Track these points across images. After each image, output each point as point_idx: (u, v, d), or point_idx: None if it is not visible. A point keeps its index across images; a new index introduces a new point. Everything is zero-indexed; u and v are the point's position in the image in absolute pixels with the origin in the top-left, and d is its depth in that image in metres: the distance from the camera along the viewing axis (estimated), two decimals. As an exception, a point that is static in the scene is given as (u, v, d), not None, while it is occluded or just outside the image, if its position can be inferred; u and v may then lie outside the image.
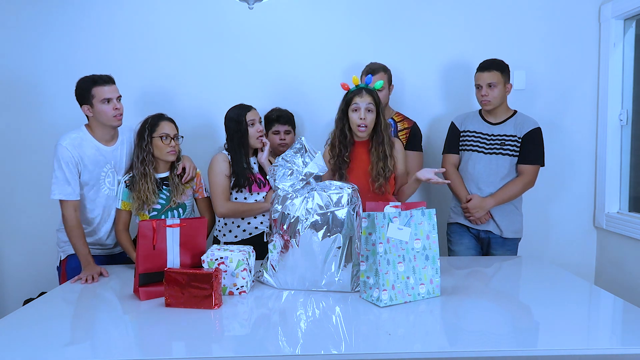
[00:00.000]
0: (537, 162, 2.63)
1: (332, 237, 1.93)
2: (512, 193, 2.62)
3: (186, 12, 3.03)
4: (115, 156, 2.38)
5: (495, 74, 2.57)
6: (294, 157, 2.03)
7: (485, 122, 2.69)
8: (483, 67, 2.63)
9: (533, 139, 2.60)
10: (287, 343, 1.52)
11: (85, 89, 2.26)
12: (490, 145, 2.64)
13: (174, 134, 2.38)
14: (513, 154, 2.62)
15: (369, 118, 2.26)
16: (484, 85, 2.59)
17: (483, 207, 2.60)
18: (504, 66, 2.62)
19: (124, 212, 2.40)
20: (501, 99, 2.61)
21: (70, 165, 2.25)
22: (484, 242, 2.73)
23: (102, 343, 1.56)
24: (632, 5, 2.83)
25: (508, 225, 2.66)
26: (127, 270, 2.31)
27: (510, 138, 2.62)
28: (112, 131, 2.36)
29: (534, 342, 1.50)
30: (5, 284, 3.09)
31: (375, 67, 2.74)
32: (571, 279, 2.14)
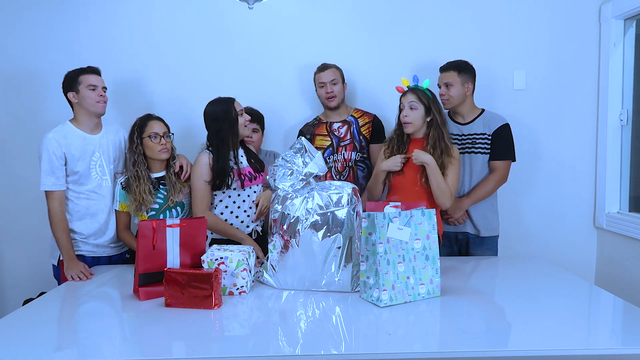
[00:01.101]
0: (508, 157, 2.67)
1: (332, 237, 1.93)
2: (486, 190, 2.64)
3: (186, 12, 3.03)
4: (102, 144, 2.41)
5: (452, 74, 2.64)
6: (294, 157, 2.03)
7: (455, 123, 2.73)
8: (442, 67, 2.71)
9: (502, 135, 2.63)
10: (287, 343, 1.52)
11: (72, 77, 2.34)
12: (462, 145, 2.67)
13: (163, 132, 2.38)
14: (485, 151, 2.64)
15: (412, 115, 2.34)
16: (442, 85, 2.66)
17: (460, 208, 2.61)
18: (462, 66, 2.66)
19: (122, 214, 2.41)
20: (459, 98, 2.65)
21: (56, 155, 2.28)
22: (461, 243, 2.73)
23: (102, 343, 1.55)
24: (632, 5, 2.83)
25: (485, 224, 2.67)
26: (127, 270, 2.31)
27: (480, 136, 2.65)
28: (95, 119, 2.40)
29: (534, 342, 1.50)
30: (5, 284, 3.09)
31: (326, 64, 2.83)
32: (571, 279, 2.13)
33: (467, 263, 2.47)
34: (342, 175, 2.78)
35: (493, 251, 2.72)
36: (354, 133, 2.79)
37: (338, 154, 2.79)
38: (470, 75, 2.67)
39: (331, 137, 2.80)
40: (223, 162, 2.34)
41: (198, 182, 2.35)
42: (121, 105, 2.96)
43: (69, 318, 1.83)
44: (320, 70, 2.82)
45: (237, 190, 2.41)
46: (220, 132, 2.36)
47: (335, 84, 2.77)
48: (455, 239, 2.72)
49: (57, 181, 2.29)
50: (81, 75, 2.33)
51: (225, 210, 2.42)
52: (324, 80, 2.78)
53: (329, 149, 2.79)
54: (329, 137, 2.80)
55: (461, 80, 2.64)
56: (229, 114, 2.37)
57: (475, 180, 2.65)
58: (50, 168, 2.28)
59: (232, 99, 2.43)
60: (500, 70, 3.08)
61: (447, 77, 2.64)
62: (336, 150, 2.79)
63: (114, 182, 2.43)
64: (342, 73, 2.84)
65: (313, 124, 2.88)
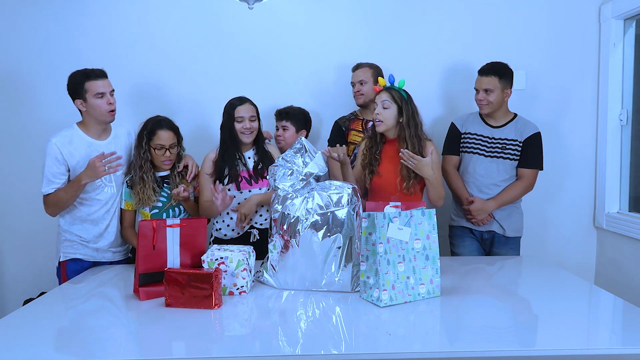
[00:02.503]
0: (537, 166, 2.68)
1: (332, 237, 1.93)
2: (512, 196, 2.65)
3: (186, 12, 3.03)
4: (110, 150, 2.33)
5: (493, 80, 2.58)
6: (294, 157, 2.03)
7: (486, 125, 2.70)
8: (482, 71, 2.65)
9: (533, 144, 2.63)
10: (287, 343, 1.52)
11: (77, 82, 2.25)
12: (491, 149, 2.66)
13: (169, 144, 2.37)
14: (514, 157, 2.64)
15: (384, 114, 2.32)
16: (481, 90, 2.62)
17: (485, 210, 2.63)
18: (503, 71, 2.61)
19: (127, 212, 2.42)
20: (498, 104, 2.63)
21: (58, 161, 2.25)
22: (486, 242, 2.75)
23: (102, 343, 1.55)
24: (632, 5, 2.83)
25: (510, 224, 2.69)
26: (128, 270, 2.31)
27: (511, 142, 2.64)
28: (104, 125, 2.36)
29: (534, 342, 1.50)
30: (5, 284, 3.09)
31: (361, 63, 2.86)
32: (571, 278, 2.14)
33: (467, 263, 2.47)
34: None
35: (516, 251, 2.75)
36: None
37: None
38: (510, 80, 2.64)
39: (365, 134, 2.81)
40: (223, 159, 2.42)
41: (201, 175, 2.45)
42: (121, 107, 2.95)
43: (69, 318, 1.83)
44: (353, 69, 2.88)
45: (232, 191, 2.42)
46: (222, 130, 2.47)
47: (363, 84, 2.80)
48: (480, 237, 2.74)
49: (57, 187, 2.26)
50: (87, 82, 2.24)
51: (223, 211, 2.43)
52: (353, 79, 2.85)
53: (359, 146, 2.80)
54: (363, 134, 2.81)
55: (502, 86, 2.59)
56: (228, 117, 2.44)
57: (501, 185, 2.65)
58: (52, 174, 2.25)
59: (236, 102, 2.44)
60: (500, 70, 3.08)
61: (488, 83, 2.58)
62: None
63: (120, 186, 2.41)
64: (376, 71, 2.84)
65: (349, 118, 2.89)
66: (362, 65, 2.85)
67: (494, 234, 2.71)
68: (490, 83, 2.58)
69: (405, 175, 2.33)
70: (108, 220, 2.40)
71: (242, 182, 2.43)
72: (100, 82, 2.26)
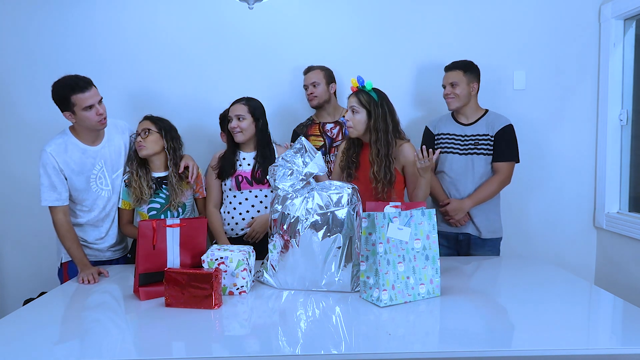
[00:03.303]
0: (511, 158, 2.65)
1: (332, 237, 1.93)
2: (489, 192, 2.62)
3: (186, 12, 3.04)
4: (104, 154, 2.34)
5: (457, 73, 2.63)
6: (294, 157, 2.03)
7: (458, 124, 2.71)
8: (447, 67, 2.70)
9: (505, 137, 2.62)
10: (287, 343, 1.52)
11: (63, 96, 2.16)
12: (464, 146, 2.66)
13: (141, 130, 2.38)
14: (487, 152, 2.64)
15: (354, 119, 2.29)
16: (447, 85, 2.66)
17: (462, 209, 2.61)
18: (468, 66, 2.66)
19: (125, 211, 2.43)
20: (465, 97, 2.65)
21: (56, 169, 2.22)
22: (462, 244, 2.71)
23: (102, 343, 1.55)
24: (632, 5, 2.83)
25: (486, 225, 2.66)
26: (127, 270, 2.31)
27: (483, 137, 2.64)
28: (96, 132, 2.31)
29: (534, 342, 1.50)
30: (5, 284, 3.09)
31: (312, 66, 2.88)
32: (571, 279, 2.14)
33: (467, 263, 2.47)
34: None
35: (495, 253, 2.70)
36: (345, 133, 2.80)
37: (331, 154, 2.79)
38: (475, 75, 2.67)
39: (324, 137, 2.81)
40: (226, 155, 2.48)
41: (208, 173, 2.52)
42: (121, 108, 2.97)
43: (69, 318, 1.83)
44: (305, 72, 2.88)
45: (232, 190, 2.43)
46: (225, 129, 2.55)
47: (316, 86, 2.80)
48: (455, 240, 2.71)
49: (59, 196, 2.24)
50: (73, 96, 2.14)
51: (223, 210, 2.45)
52: (305, 82, 2.85)
53: (321, 150, 2.80)
54: (322, 138, 2.81)
55: (467, 79, 2.63)
56: (225, 116, 2.51)
57: (478, 182, 2.64)
58: (50, 183, 2.22)
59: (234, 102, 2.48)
60: (500, 70, 3.09)
61: (453, 77, 2.63)
62: (329, 151, 2.80)
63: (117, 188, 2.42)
64: (328, 73, 2.85)
65: (306, 124, 2.89)
66: (314, 67, 2.86)
67: (469, 236, 2.68)
68: (455, 77, 2.63)
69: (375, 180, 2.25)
70: (109, 224, 2.41)
71: (243, 182, 2.43)
72: (88, 93, 2.16)
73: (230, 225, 2.46)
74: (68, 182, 2.26)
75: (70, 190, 2.28)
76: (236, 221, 2.45)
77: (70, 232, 2.25)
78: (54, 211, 2.25)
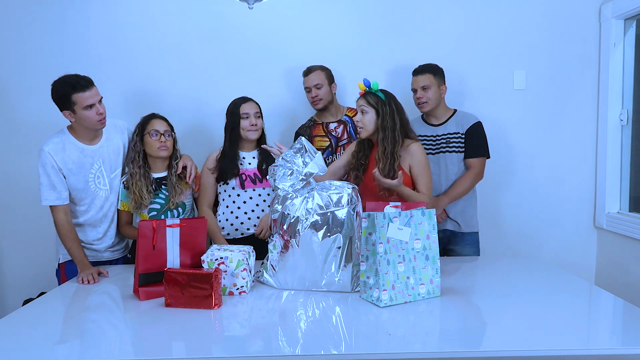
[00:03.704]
0: (482, 154, 2.68)
1: (332, 237, 1.93)
2: (463, 188, 2.65)
3: (186, 12, 3.03)
4: (102, 154, 2.34)
5: (428, 77, 2.65)
6: (294, 157, 2.03)
7: (429, 125, 2.75)
8: (416, 71, 2.72)
9: (475, 133, 2.66)
10: (287, 343, 1.52)
11: (64, 94, 2.17)
12: (437, 146, 2.69)
13: (164, 130, 2.37)
14: (459, 150, 2.66)
15: (364, 120, 2.28)
16: (419, 88, 2.67)
17: (438, 206, 2.62)
18: (436, 69, 2.69)
19: (124, 213, 2.42)
20: (436, 100, 2.67)
21: (55, 169, 2.22)
22: (441, 241, 2.67)
23: (102, 343, 1.55)
24: (632, 5, 2.83)
25: (465, 219, 2.69)
26: (127, 270, 2.31)
27: (454, 135, 2.67)
28: (95, 131, 2.31)
29: (534, 342, 1.50)
30: (5, 284, 3.09)
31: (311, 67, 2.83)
32: (571, 279, 2.13)
33: (467, 263, 2.47)
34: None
35: (474, 247, 2.73)
36: (350, 132, 2.80)
37: (337, 153, 2.79)
38: (443, 77, 2.71)
39: (329, 137, 2.81)
40: (226, 156, 2.46)
41: (202, 175, 2.50)
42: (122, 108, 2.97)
43: (69, 318, 1.83)
44: (305, 74, 2.83)
45: (236, 189, 2.43)
46: (226, 128, 2.50)
47: (319, 88, 2.76)
48: None
49: (59, 195, 2.24)
50: (74, 94, 2.15)
51: (226, 210, 2.45)
52: (308, 84, 2.80)
53: (327, 150, 2.79)
54: (327, 138, 2.81)
55: (437, 82, 2.66)
56: (233, 115, 2.47)
57: (451, 179, 2.66)
58: (49, 183, 2.22)
59: (242, 100, 2.48)
60: (500, 70, 3.09)
61: (424, 80, 2.65)
62: (335, 151, 2.79)
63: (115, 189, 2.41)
64: (328, 74, 2.83)
65: (309, 125, 2.87)
66: (314, 68, 2.81)
67: (448, 232, 2.70)
68: (426, 80, 2.65)
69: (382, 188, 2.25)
70: (107, 225, 2.40)
71: (247, 181, 2.44)
72: (88, 92, 2.16)
73: (235, 225, 2.46)
74: (68, 182, 2.26)
75: (71, 190, 2.29)
76: (241, 220, 2.45)
77: (71, 232, 2.25)
78: (55, 210, 2.25)
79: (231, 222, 2.47)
